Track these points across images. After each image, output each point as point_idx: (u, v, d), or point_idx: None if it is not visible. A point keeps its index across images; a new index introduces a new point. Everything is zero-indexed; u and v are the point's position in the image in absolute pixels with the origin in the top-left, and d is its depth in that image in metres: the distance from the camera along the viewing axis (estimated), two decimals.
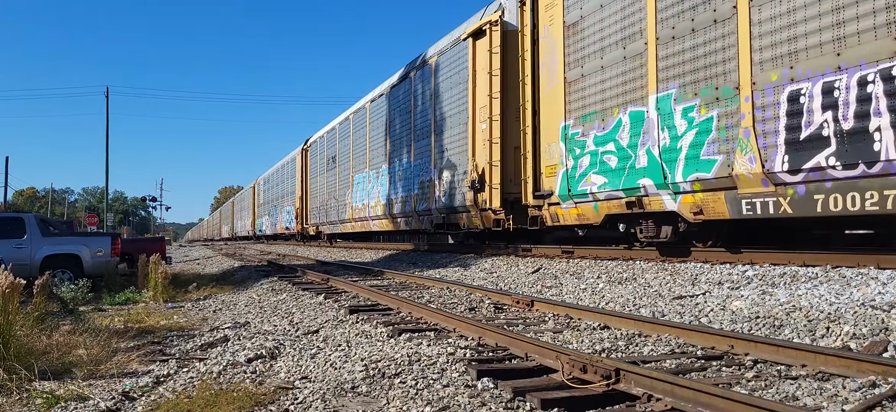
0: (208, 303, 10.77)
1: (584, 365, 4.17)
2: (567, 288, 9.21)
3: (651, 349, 5.26)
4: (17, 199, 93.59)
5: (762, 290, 6.99)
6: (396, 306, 8.08)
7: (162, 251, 17.76)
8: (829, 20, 7.11)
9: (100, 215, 51.03)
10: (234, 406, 4.31)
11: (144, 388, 5.01)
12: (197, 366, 5.69)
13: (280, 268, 17.09)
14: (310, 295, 10.29)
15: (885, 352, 4.63)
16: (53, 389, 4.89)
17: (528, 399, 3.93)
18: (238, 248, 39.79)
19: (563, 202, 11.60)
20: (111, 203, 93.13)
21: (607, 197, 10.49)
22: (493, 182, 13.74)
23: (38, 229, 13.14)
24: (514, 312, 7.58)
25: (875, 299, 5.88)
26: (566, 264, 11.15)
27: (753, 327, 5.78)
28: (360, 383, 4.64)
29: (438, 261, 15.25)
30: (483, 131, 14.12)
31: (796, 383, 3.99)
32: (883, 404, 3.45)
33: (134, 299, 11.52)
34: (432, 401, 4.05)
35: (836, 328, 5.27)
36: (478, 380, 4.40)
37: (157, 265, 12.01)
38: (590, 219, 11.15)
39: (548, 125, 12.09)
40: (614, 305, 7.58)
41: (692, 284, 8.02)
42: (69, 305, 9.84)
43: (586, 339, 5.73)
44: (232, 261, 25.03)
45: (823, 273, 7.29)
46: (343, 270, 15.01)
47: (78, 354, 5.93)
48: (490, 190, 13.81)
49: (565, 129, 11.47)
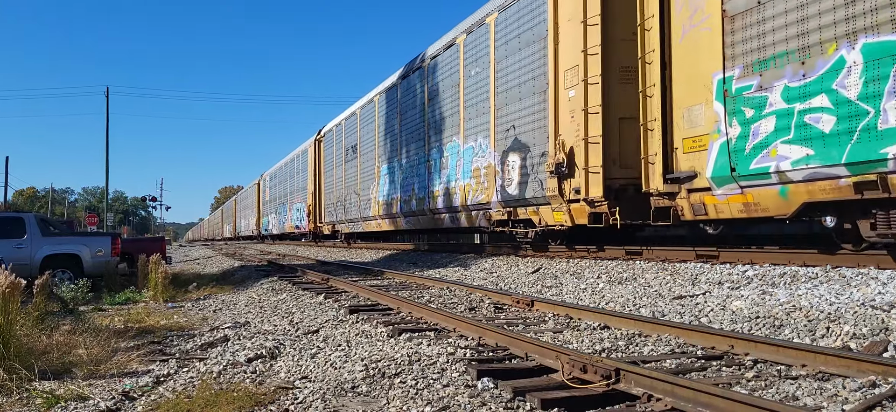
0: (208, 302, 10.78)
1: (584, 365, 4.17)
2: (567, 288, 9.21)
3: (651, 349, 5.26)
4: (17, 199, 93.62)
5: (762, 290, 6.99)
6: (396, 306, 8.08)
7: (162, 251, 17.76)
8: None
9: (100, 215, 51.03)
10: (234, 406, 4.31)
11: (144, 388, 5.02)
12: (197, 365, 5.69)
13: (280, 267, 17.10)
14: (310, 294, 10.29)
15: (885, 352, 4.63)
16: (53, 389, 4.89)
17: (528, 399, 3.93)
18: (238, 248, 39.77)
19: (719, 187, 8.47)
20: (111, 203, 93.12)
21: (809, 176, 7.33)
22: (590, 164, 10.66)
23: (38, 229, 13.14)
24: (514, 312, 7.58)
25: (875, 299, 5.88)
26: (566, 264, 11.15)
27: (753, 327, 5.78)
28: (360, 383, 4.64)
29: (438, 261, 15.26)
30: (572, 100, 11.03)
31: (796, 383, 3.99)
32: (883, 404, 3.45)
33: (134, 299, 11.52)
34: (432, 401, 4.05)
35: (836, 328, 5.27)
36: (478, 380, 4.40)
37: (157, 265, 12.02)
38: (770, 209, 8.04)
39: (686, 82, 8.92)
40: (614, 305, 7.58)
41: (692, 284, 8.02)
42: (69, 305, 9.84)
43: (586, 339, 5.73)
44: (232, 260, 25.03)
45: (823, 273, 7.29)
46: (343, 270, 15.01)
47: (78, 354, 5.93)
48: (585, 174, 10.70)
49: (724, 84, 8.27)
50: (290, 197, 36.23)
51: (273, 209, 42.04)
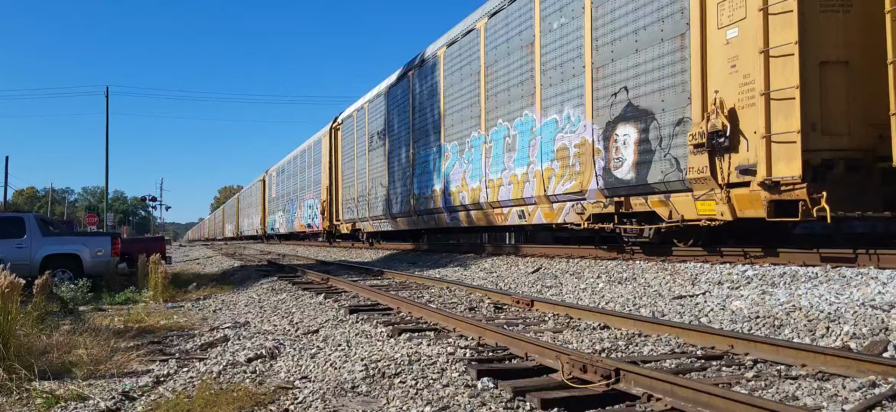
0: (208, 302, 10.78)
1: (584, 364, 4.17)
2: (567, 288, 9.20)
3: (651, 349, 5.26)
4: (17, 199, 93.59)
5: (762, 290, 6.99)
6: (396, 306, 8.08)
7: (162, 251, 17.79)
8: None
9: (100, 215, 51.06)
10: (234, 406, 4.31)
11: (144, 388, 5.02)
12: (197, 365, 5.69)
13: (280, 267, 17.10)
14: (310, 294, 10.29)
15: (885, 352, 4.63)
16: (53, 389, 4.89)
17: (528, 399, 3.93)
18: (238, 248, 39.75)
19: None
20: (111, 203, 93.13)
21: None
22: (775, 130, 7.54)
23: (39, 229, 13.15)
24: (514, 312, 7.58)
25: (875, 299, 5.88)
26: (566, 264, 11.14)
27: (753, 327, 5.78)
28: (360, 383, 4.64)
29: (438, 261, 15.25)
30: (732, 43, 8.08)
31: (796, 383, 3.99)
32: (883, 404, 3.46)
33: (134, 299, 11.53)
34: (432, 401, 4.05)
35: (836, 328, 5.28)
36: (478, 380, 4.40)
37: (157, 265, 12.02)
38: None
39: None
40: (614, 305, 7.58)
41: (692, 284, 8.02)
42: (69, 305, 9.84)
43: (586, 339, 5.73)
44: (232, 260, 25.02)
45: (823, 273, 7.29)
46: (343, 270, 15.01)
47: (78, 354, 5.93)
48: (767, 146, 7.58)
49: None
50: (301, 193, 32.88)
51: (280, 206, 39.09)
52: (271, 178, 43.46)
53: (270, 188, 43.67)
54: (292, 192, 35.28)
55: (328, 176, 26.98)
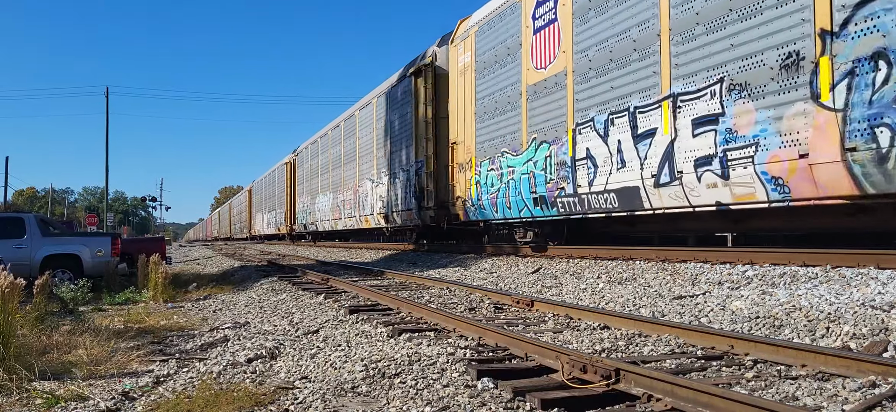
0: (208, 303, 10.78)
1: (584, 365, 4.17)
2: (567, 288, 9.20)
3: (651, 349, 5.26)
4: (17, 199, 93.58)
5: (762, 290, 6.99)
6: (396, 306, 8.08)
7: (162, 251, 17.78)
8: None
9: (100, 215, 51.07)
10: (234, 406, 4.31)
11: (144, 388, 5.02)
12: (197, 366, 5.69)
13: (280, 268, 17.10)
14: (310, 295, 10.29)
15: (885, 352, 4.63)
16: (53, 389, 4.89)
17: (528, 399, 3.93)
18: (239, 248, 39.74)
19: None
20: (111, 203, 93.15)
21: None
22: None
23: (38, 229, 13.16)
24: (514, 312, 7.58)
25: (875, 299, 5.88)
26: (566, 264, 11.14)
27: (753, 327, 5.78)
28: (360, 383, 4.64)
29: (438, 261, 15.25)
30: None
31: (796, 383, 3.99)
32: (883, 404, 3.45)
33: (134, 299, 11.53)
34: (432, 401, 4.05)
35: (836, 328, 5.27)
36: (478, 380, 4.40)
37: (157, 265, 12.03)
38: None
39: None
40: (614, 305, 7.58)
41: (692, 284, 8.02)
42: (69, 305, 9.84)
43: (586, 339, 5.73)
44: (232, 261, 25.02)
45: (823, 273, 7.29)
46: (343, 270, 15.00)
47: (78, 354, 5.94)
48: None
49: None
50: (351, 177, 23.86)
51: (322, 189, 28.64)
52: (304, 155, 33.26)
53: (301, 167, 33.87)
54: (339, 175, 25.80)
55: (417, 144, 17.38)
